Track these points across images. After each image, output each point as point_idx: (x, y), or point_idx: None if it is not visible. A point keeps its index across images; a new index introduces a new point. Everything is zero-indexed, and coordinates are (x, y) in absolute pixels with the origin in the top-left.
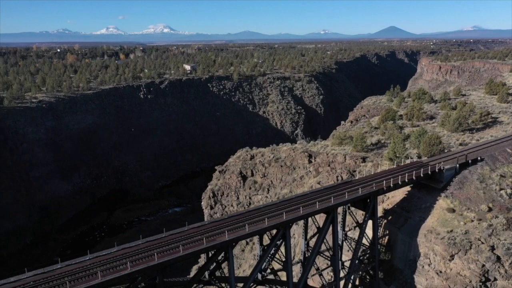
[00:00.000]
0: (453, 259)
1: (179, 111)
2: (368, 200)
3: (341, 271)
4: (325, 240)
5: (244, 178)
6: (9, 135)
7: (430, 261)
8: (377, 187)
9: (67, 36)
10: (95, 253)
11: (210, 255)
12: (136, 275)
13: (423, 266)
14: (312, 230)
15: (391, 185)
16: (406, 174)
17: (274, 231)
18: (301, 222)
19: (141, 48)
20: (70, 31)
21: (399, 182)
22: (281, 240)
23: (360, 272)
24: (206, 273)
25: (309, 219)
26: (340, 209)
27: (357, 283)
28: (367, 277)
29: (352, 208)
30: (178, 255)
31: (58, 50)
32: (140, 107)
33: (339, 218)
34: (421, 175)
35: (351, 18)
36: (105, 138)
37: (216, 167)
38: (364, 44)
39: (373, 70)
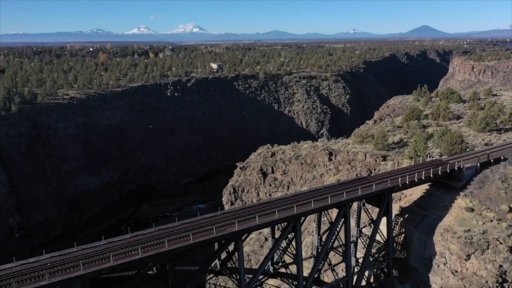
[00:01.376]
0: (469, 258)
1: (205, 109)
2: (383, 197)
3: (355, 268)
4: (339, 236)
5: (265, 175)
6: (42, 130)
7: (446, 260)
8: (392, 184)
9: (100, 36)
10: (110, 239)
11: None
12: (146, 260)
13: (438, 265)
14: (327, 226)
15: (407, 182)
16: (423, 172)
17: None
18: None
19: (170, 47)
20: (103, 31)
21: (415, 180)
22: (293, 234)
23: (375, 270)
24: (218, 264)
25: (323, 214)
26: (355, 206)
27: (371, 280)
28: (382, 274)
29: (369, 206)
30: (188, 243)
31: (91, 49)
32: (167, 104)
33: (355, 215)
34: (439, 173)
35: (382, 17)
36: (132, 135)
37: (237, 164)
38: (394, 43)
39: (403, 70)
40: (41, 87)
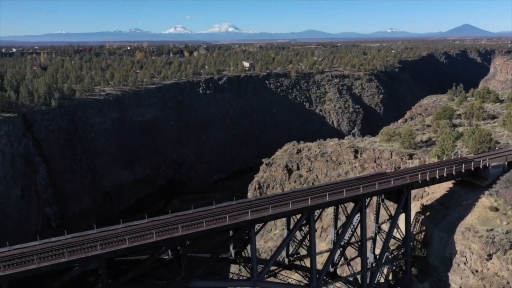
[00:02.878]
0: (491, 258)
1: (236, 107)
2: (402, 193)
3: (372, 264)
4: (357, 232)
5: (290, 171)
6: (79, 125)
7: (466, 259)
8: (411, 180)
9: (138, 35)
10: (127, 223)
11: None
12: (160, 244)
13: (458, 265)
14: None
15: (427, 179)
16: (445, 169)
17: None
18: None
19: (205, 46)
20: (141, 30)
21: (437, 177)
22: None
23: (394, 267)
24: (233, 252)
25: (340, 209)
26: (374, 202)
27: (390, 277)
28: (400, 272)
29: (390, 203)
30: (200, 230)
31: (128, 48)
32: (199, 102)
33: (374, 211)
34: (462, 171)
35: (421, 16)
36: (165, 131)
37: (263, 160)
38: (433, 42)
39: (441, 70)
40: (80, 84)
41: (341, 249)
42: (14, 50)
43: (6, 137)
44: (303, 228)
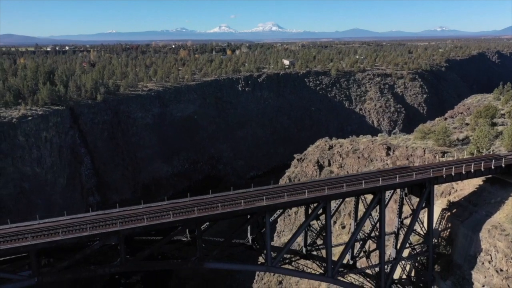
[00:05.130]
0: None
1: (274, 105)
2: (424, 187)
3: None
4: (377, 226)
5: (321, 167)
6: (122, 119)
7: (491, 258)
8: (434, 174)
9: (184, 34)
10: (148, 204)
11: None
12: (176, 224)
13: (483, 263)
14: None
15: (453, 174)
16: (472, 165)
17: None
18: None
19: (247, 44)
20: (187, 29)
21: (463, 172)
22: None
23: (416, 264)
24: (250, 239)
25: (360, 202)
26: (397, 197)
27: (412, 274)
28: (422, 268)
29: (417, 199)
30: (215, 213)
31: (173, 46)
32: (238, 99)
33: (397, 206)
34: (492, 167)
35: (474, 14)
36: (203, 126)
37: (294, 155)
38: (485, 41)
39: (492, 70)
40: (124, 79)
41: (361, 242)
42: (67, 48)
43: (55, 129)
44: (320, 218)
